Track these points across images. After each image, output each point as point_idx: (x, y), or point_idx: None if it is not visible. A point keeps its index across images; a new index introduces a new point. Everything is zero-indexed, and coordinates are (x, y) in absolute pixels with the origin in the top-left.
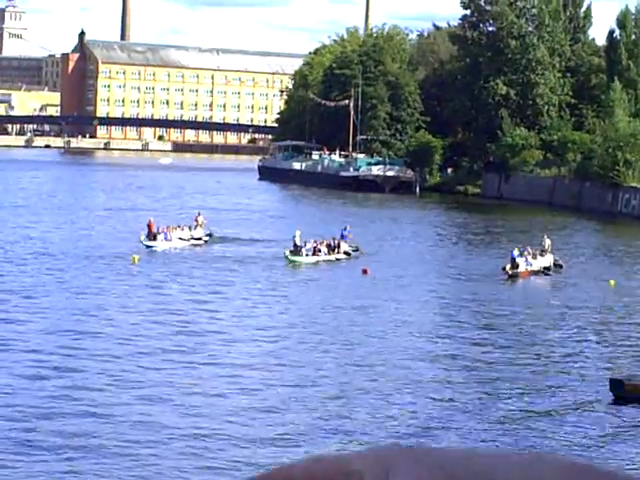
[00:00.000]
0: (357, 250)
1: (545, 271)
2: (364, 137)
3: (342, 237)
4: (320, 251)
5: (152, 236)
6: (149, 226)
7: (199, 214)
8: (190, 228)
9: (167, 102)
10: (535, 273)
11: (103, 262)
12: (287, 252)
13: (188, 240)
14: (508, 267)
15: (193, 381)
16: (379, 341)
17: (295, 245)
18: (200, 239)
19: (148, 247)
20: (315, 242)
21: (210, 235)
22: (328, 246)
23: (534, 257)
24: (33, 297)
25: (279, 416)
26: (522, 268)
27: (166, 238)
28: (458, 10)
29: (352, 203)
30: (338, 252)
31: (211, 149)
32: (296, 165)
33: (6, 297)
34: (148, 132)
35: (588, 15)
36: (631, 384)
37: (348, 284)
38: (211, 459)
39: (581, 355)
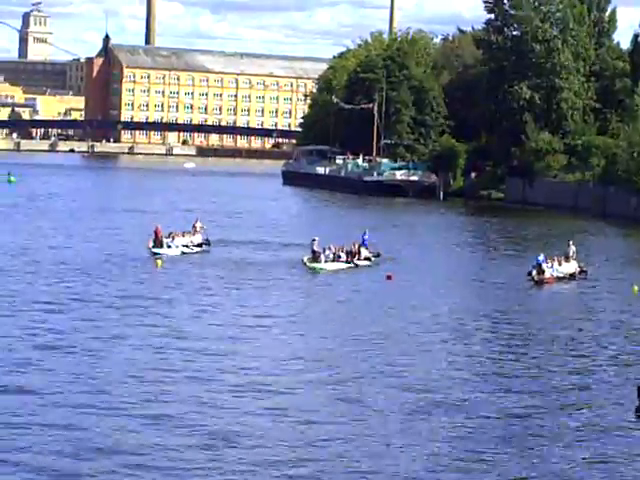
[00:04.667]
0: (379, 256)
1: (571, 277)
2: (388, 141)
3: (362, 243)
4: (340, 257)
5: (159, 243)
6: (156, 233)
7: (197, 220)
8: (191, 234)
9: (191, 106)
10: (560, 279)
11: (129, 267)
12: (305, 259)
13: (190, 247)
14: (534, 273)
15: (213, 392)
16: (405, 348)
17: (313, 251)
18: (201, 245)
19: (155, 254)
20: (335, 248)
21: (208, 241)
22: (348, 252)
23: (559, 263)
24: (61, 304)
25: (300, 428)
26: (548, 274)
27: (170, 245)
28: (483, 14)
29: (375, 208)
30: (359, 258)
31: (235, 153)
32: (320, 170)
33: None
34: (172, 136)
35: (613, 19)
36: None
37: (371, 290)
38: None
39: (607, 362)
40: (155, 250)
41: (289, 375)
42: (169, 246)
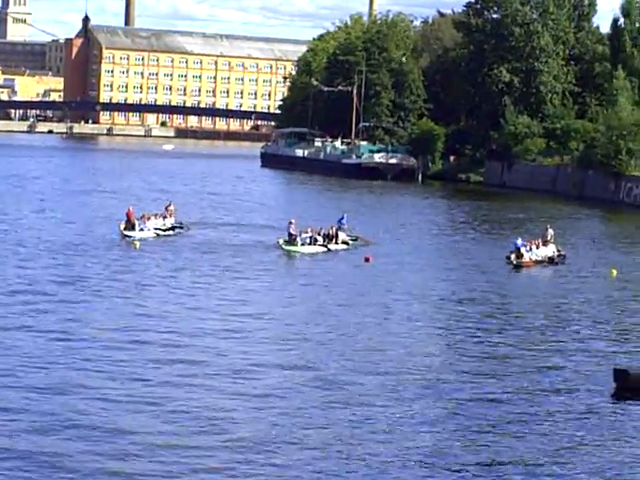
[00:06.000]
0: (356, 240)
1: (549, 261)
2: (367, 124)
3: (340, 226)
4: (317, 241)
5: (131, 225)
6: (128, 215)
7: (170, 204)
8: (163, 217)
9: (170, 88)
10: (539, 263)
11: (107, 248)
12: (281, 241)
13: (163, 230)
14: (513, 257)
15: (183, 375)
16: (381, 331)
17: (290, 234)
18: (173, 229)
19: (126, 237)
20: (311, 231)
21: (181, 224)
22: (326, 236)
23: (537, 247)
24: (38, 285)
25: (273, 414)
26: (526, 258)
27: (142, 228)
28: None
29: (354, 191)
30: (336, 242)
31: (214, 135)
32: (299, 152)
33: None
34: (151, 118)
35: (592, 3)
36: (635, 374)
37: (349, 273)
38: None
39: (584, 345)
40: (127, 233)
41: (264, 357)
42: (141, 229)
